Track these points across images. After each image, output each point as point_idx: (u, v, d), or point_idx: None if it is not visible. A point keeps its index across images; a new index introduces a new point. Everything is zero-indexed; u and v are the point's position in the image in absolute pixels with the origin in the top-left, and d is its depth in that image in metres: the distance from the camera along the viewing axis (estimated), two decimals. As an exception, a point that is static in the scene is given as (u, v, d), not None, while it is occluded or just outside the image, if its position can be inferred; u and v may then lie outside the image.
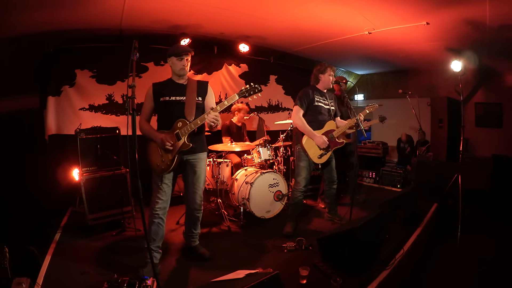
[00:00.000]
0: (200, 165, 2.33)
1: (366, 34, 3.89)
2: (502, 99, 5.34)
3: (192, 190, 2.33)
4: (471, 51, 4.24)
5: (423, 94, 5.52)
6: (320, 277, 2.14)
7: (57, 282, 2.02)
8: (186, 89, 2.25)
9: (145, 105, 2.28)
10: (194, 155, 2.29)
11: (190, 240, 2.50)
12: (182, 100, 2.22)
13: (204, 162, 2.38)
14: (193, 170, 2.31)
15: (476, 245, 2.98)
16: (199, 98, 2.27)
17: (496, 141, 5.38)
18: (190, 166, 2.30)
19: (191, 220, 2.44)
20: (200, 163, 2.33)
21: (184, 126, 2.15)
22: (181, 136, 2.15)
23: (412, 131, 5.52)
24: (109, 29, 3.71)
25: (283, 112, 5.76)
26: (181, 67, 2.22)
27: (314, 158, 2.87)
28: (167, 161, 2.16)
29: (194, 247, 2.49)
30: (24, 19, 3.07)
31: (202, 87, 2.34)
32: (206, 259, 2.40)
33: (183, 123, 2.16)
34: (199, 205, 2.38)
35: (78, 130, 3.05)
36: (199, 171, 2.33)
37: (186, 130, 2.14)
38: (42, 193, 3.39)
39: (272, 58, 5.43)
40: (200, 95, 2.29)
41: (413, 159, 4.85)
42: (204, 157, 2.38)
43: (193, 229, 2.46)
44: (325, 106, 2.96)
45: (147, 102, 2.27)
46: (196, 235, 2.50)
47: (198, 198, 2.36)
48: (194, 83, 2.30)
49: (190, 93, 2.24)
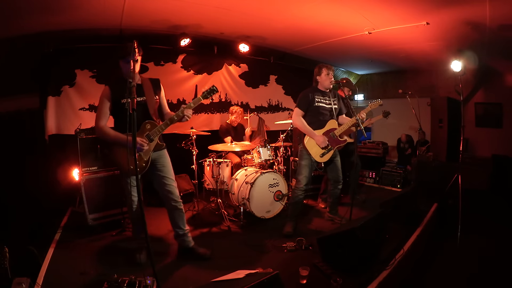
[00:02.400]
0: (162, 159, 2.31)
1: (366, 34, 3.90)
2: (502, 99, 5.34)
3: (164, 183, 2.29)
4: (471, 51, 4.24)
5: (423, 94, 5.52)
6: (320, 277, 2.14)
7: (57, 282, 2.02)
8: (143, 89, 2.21)
9: (102, 108, 2.19)
10: (155, 152, 2.27)
11: (184, 240, 2.42)
12: (143, 101, 2.18)
13: (166, 155, 2.35)
14: (158, 165, 2.28)
15: (476, 245, 2.98)
16: (156, 97, 2.26)
17: (496, 141, 5.38)
18: (154, 163, 2.27)
19: (174, 215, 2.36)
20: (162, 157, 2.31)
21: (153, 128, 2.17)
22: (153, 137, 2.18)
23: (412, 131, 5.51)
24: (109, 29, 3.71)
25: (283, 112, 5.76)
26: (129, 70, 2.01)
27: (316, 157, 2.89)
28: (141, 162, 2.17)
29: (192, 248, 2.42)
30: (25, 22, 3.08)
31: (156, 85, 2.31)
32: (207, 259, 2.38)
33: (151, 124, 2.18)
34: (177, 197, 2.32)
35: (78, 130, 3.04)
36: (164, 164, 2.31)
37: (158, 132, 2.18)
38: (42, 193, 3.39)
39: (272, 58, 5.43)
40: (156, 93, 2.28)
41: (413, 159, 4.85)
42: (165, 151, 2.35)
43: (181, 226, 2.38)
44: (327, 105, 2.97)
45: (105, 104, 2.18)
46: (188, 233, 2.43)
47: (173, 191, 2.31)
48: (148, 82, 2.26)
49: (148, 93, 2.21)
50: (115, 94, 2.15)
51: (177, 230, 2.40)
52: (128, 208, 2.34)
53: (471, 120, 5.70)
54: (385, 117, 3.83)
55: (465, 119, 5.17)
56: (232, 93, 5.18)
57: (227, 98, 5.12)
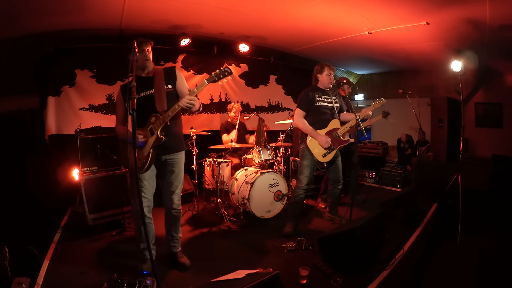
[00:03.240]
0: (178, 165, 2.25)
1: (366, 34, 3.89)
2: (502, 99, 5.34)
3: (169, 190, 2.24)
4: (471, 51, 4.24)
5: (423, 94, 5.51)
6: (320, 277, 2.14)
7: (57, 282, 2.02)
8: (153, 81, 2.14)
9: (118, 109, 2.22)
10: (172, 154, 2.21)
11: (170, 244, 2.36)
12: (151, 94, 2.12)
13: (182, 161, 2.29)
14: (171, 169, 2.22)
15: (476, 245, 2.98)
16: (169, 86, 2.16)
17: (496, 141, 5.38)
18: (168, 166, 2.22)
19: (170, 221, 2.32)
20: (178, 162, 2.25)
21: (157, 120, 2.08)
22: (154, 130, 2.07)
23: (412, 131, 5.51)
24: (109, 29, 3.71)
25: (283, 112, 5.76)
26: (144, 60, 2.08)
27: (319, 157, 2.89)
28: (142, 158, 2.09)
29: (175, 254, 2.35)
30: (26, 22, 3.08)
31: (170, 73, 2.21)
32: (187, 269, 2.27)
33: (156, 117, 2.08)
34: (177, 205, 2.28)
35: (78, 130, 3.05)
36: (177, 170, 2.25)
37: (159, 124, 2.06)
38: (42, 193, 3.39)
39: (272, 58, 5.43)
40: (170, 82, 2.18)
41: (413, 159, 4.85)
42: (182, 156, 2.29)
43: (173, 232, 2.34)
44: (328, 104, 2.96)
45: (119, 106, 2.20)
46: (177, 240, 2.38)
47: (176, 198, 2.27)
48: (161, 72, 2.18)
49: (158, 84, 2.13)
50: (124, 94, 2.13)
51: (170, 232, 2.36)
52: (134, 213, 2.23)
53: (471, 120, 5.70)
54: (385, 117, 3.83)
55: (465, 119, 5.16)
56: (232, 93, 5.18)
57: (227, 98, 5.13)
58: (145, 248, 2.12)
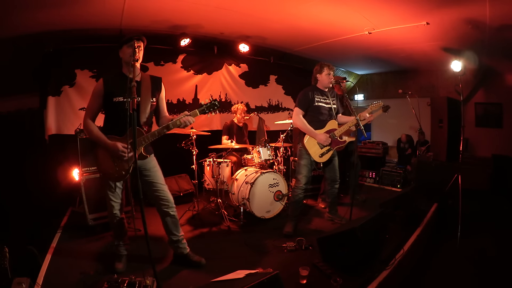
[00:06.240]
0: (150, 164, 2.15)
1: (366, 34, 3.90)
2: (502, 99, 5.35)
3: (153, 189, 2.16)
4: (471, 51, 4.24)
5: (423, 94, 5.52)
6: (320, 277, 2.14)
7: (57, 282, 2.02)
8: (140, 87, 2.03)
9: (92, 102, 2.04)
10: (144, 161, 2.12)
11: (179, 247, 2.29)
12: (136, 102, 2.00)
13: (153, 159, 2.20)
14: (144, 171, 2.13)
15: (476, 245, 2.98)
16: (153, 99, 2.08)
17: (496, 141, 5.38)
18: (140, 169, 2.10)
19: (167, 222, 2.24)
20: (149, 162, 2.14)
21: (139, 136, 1.97)
22: (137, 147, 1.97)
23: (412, 131, 5.52)
24: (109, 29, 3.71)
25: (283, 112, 5.76)
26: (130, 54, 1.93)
27: (316, 157, 2.90)
28: (122, 170, 2.02)
29: (186, 255, 2.30)
30: (25, 19, 3.07)
31: (156, 84, 2.13)
32: (202, 266, 2.27)
33: (138, 132, 1.96)
34: (167, 200, 2.19)
35: (78, 130, 3.05)
36: (151, 167, 2.15)
37: (144, 141, 1.99)
38: (42, 193, 3.39)
39: (272, 58, 5.43)
40: (154, 95, 2.10)
41: (413, 159, 4.85)
42: (153, 157, 2.20)
43: (175, 232, 2.26)
44: (326, 105, 2.97)
45: (96, 99, 2.03)
46: (182, 239, 2.31)
47: (163, 194, 2.17)
48: (148, 80, 2.09)
49: (144, 93, 2.03)
50: (108, 90, 2.00)
51: (170, 236, 2.29)
52: (108, 213, 2.21)
53: (471, 120, 5.70)
54: (385, 111, 3.80)
55: (465, 119, 5.17)
56: (232, 93, 5.18)
57: (227, 98, 5.13)
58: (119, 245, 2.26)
